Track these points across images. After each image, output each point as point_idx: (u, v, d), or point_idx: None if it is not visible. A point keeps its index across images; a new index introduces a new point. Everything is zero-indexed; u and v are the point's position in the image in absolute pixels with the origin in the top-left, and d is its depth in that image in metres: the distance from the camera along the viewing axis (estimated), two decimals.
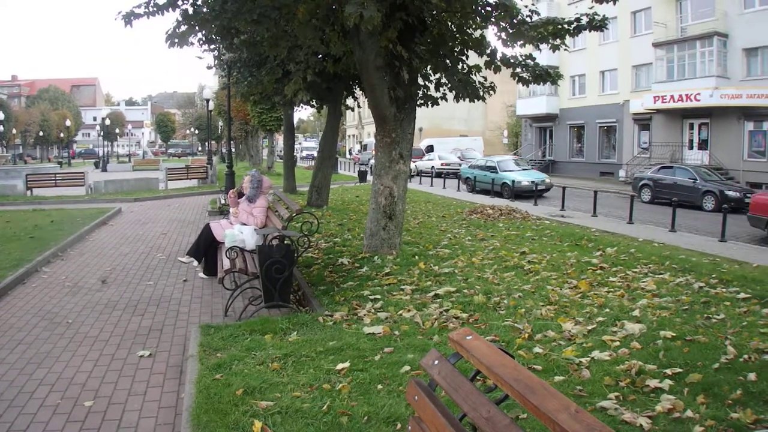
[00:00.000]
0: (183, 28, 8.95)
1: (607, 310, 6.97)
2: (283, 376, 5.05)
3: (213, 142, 62.82)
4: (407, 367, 5.15)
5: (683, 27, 34.35)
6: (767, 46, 30.02)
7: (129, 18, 8.90)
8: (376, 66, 9.27)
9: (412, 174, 35.30)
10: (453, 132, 60.43)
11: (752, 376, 4.92)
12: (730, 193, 22.64)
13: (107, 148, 75.90)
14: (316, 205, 18.22)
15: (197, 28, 9.13)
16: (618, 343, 5.77)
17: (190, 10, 8.92)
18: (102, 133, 70.71)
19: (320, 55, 11.09)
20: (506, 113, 61.84)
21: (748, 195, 22.80)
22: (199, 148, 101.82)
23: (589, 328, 6.30)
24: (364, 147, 59.71)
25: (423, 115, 20.73)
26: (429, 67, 11.19)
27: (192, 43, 9.90)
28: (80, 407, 4.93)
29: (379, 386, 4.83)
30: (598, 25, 10.49)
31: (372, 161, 46.15)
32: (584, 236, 12.88)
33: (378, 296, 7.66)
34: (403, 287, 8.08)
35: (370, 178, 22.29)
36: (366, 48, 9.02)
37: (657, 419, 4.25)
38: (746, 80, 31.16)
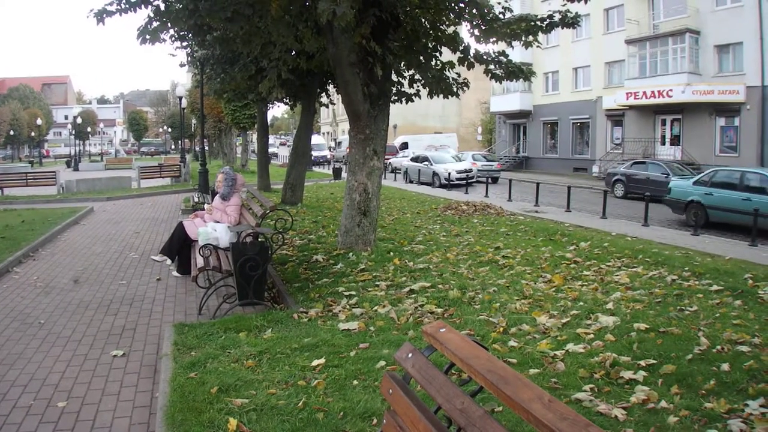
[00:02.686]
0: (155, 24, 8.85)
1: (581, 303, 7.05)
2: (258, 374, 5.03)
3: (186, 140, 62.30)
4: (383, 363, 5.15)
5: (655, 24, 34.68)
6: (738, 43, 30.42)
7: (101, 15, 8.78)
8: (350, 62, 9.25)
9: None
10: (428, 129, 60.48)
11: (725, 366, 5.00)
12: None
13: (79, 147, 74.98)
14: (290, 202, 18.13)
15: (169, 24, 9.04)
16: (592, 336, 5.84)
17: (162, 7, 8.83)
18: (74, 132, 69.80)
19: (294, 52, 11.02)
20: (480, 110, 62.13)
21: None
22: (173, 147, 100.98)
23: (564, 321, 6.36)
24: (338, 144, 59.43)
25: (397, 112, 20.78)
26: (402, 63, 11.19)
27: (164, 40, 9.81)
28: (53, 408, 4.86)
29: (355, 382, 4.83)
30: (570, 22, 10.57)
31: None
32: (558, 231, 12.97)
33: (353, 292, 7.67)
34: (378, 283, 8.10)
35: (344, 175, 22.10)
36: (339, 44, 8.99)
37: (632, 410, 4.30)
38: (718, 76, 31.57)
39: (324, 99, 20.36)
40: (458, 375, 4.34)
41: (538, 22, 10.50)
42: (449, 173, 29.46)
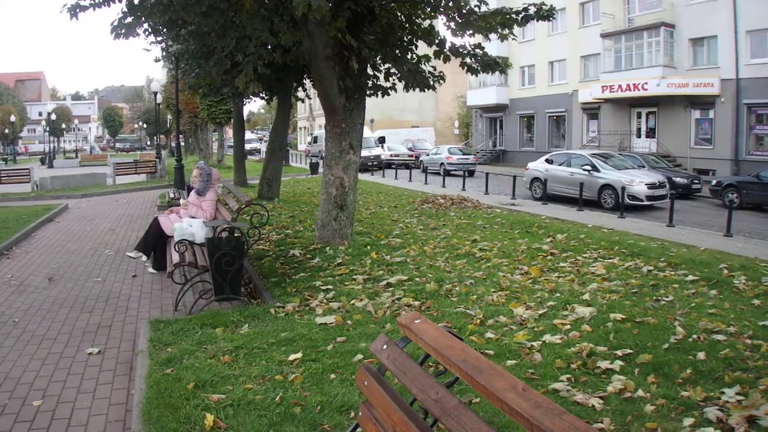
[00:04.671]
0: (129, 19, 8.75)
1: (558, 294, 7.09)
2: (234, 369, 5.01)
3: (162, 135, 61.80)
4: (360, 356, 5.14)
5: (631, 18, 34.90)
6: (713, 36, 30.70)
7: (74, 10, 8.67)
8: (325, 56, 9.21)
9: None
10: (405, 123, 60.51)
11: (701, 355, 5.07)
12: (678, 179, 23.18)
13: (53, 143, 74.10)
14: (267, 197, 18.06)
15: (143, 19, 8.94)
16: (569, 327, 5.88)
17: (136, 1, 8.71)
18: (48, 129, 68.94)
19: (269, 46, 10.96)
20: (457, 104, 62.24)
21: (696, 181, 23.44)
22: (148, 143, 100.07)
23: (540, 312, 6.40)
24: (315, 139, 59.10)
25: (374, 106, 20.70)
26: (378, 56, 11.16)
27: (138, 34, 9.69)
28: (29, 407, 4.79)
29: (332, 375, 4.82)
30: (545, 15, 10.60)
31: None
32: (535, 223, 13.05)
33: (330, 286, 7.66)
34: (355, 277, 8.10)
35: (321, 170, 21.86)
36: (315, 38, 8.95)
37: (609, 399, 4.33)
38: (692, 69, 31.86)
39: (300, 93, 20.30)
40: (435, 367, 4.35)
41: (514, 15, 10.52)
42: (639, 186, 18.95)
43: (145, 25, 10.07)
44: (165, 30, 12.04)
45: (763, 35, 28.52)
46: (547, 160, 22.75)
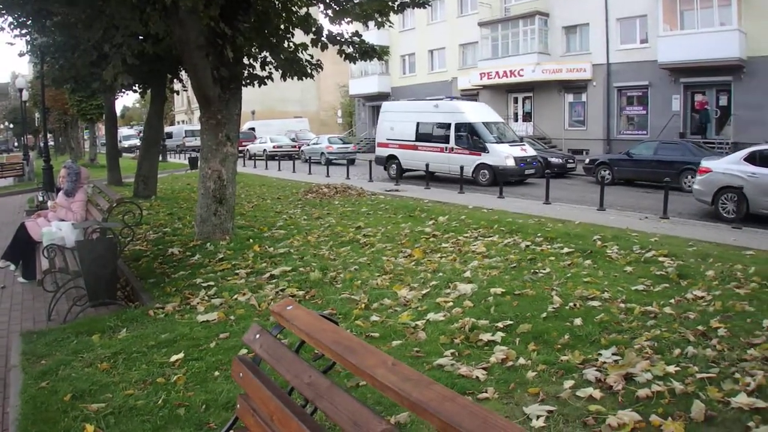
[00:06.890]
0: None
1: (441, 274, 7.27)
2: (113, 376, 4.82)
3: (30, 136, 58.55)
4: (244, 351, 5.05)
5: (507, 7, 35.99)
6: (585, 24, 32.19)
7: None
8: (198, 45, 8.93)
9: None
10: (287, 113, 59.81)
11: (578, 321, 5.37)
12: (554, 159, 24.38)
13: None
14: (143, 195, 17.30)
15: (4, 11, 8.39)
16: (451, 304, 6.05)
17: None
18: None
19: (140, 36, 10.52)
20: (340, 93, 62.24)
21: (570, 161, 24.57)
22: (15, 144, 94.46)
23: (424, 292, 6.54)
24: (169, 135, 56.75)
25: (255, 97, 20.41)
26: (254, 45, 10.95)
27: (2, 28, 9.08)
28: None
29: (216, 373, 4.74)
30: (420, 3, 10.74)
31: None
32: (417, 207, 13.26)
33: (212, 283, 7.49)
34: (237, 271, 7.97)
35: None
36: (186, 26, 8.66)
37: (492, 369, 4.50)
38: (566, 56, 33.29)
39: (177, 86, 19.64)
40: (322, 355, 4.33)
41: (390, 3, 10.57)
42: None
43: (10, 18, 9.48)
44: (30, 22, 11.36)
45: (633, 22, 30.13)
46: (749, 158, 13.32)
